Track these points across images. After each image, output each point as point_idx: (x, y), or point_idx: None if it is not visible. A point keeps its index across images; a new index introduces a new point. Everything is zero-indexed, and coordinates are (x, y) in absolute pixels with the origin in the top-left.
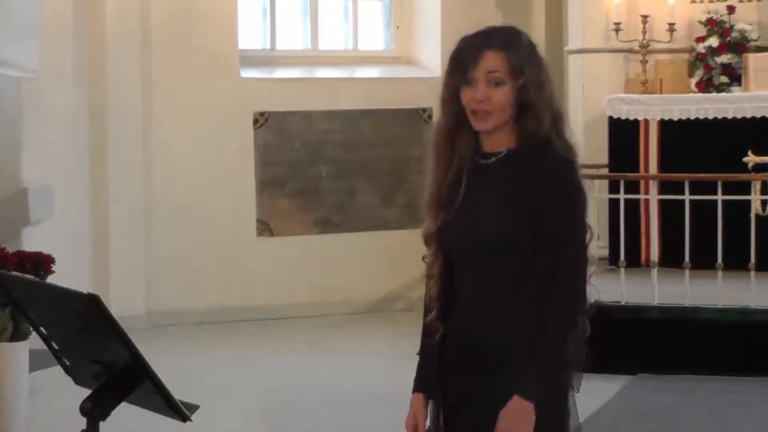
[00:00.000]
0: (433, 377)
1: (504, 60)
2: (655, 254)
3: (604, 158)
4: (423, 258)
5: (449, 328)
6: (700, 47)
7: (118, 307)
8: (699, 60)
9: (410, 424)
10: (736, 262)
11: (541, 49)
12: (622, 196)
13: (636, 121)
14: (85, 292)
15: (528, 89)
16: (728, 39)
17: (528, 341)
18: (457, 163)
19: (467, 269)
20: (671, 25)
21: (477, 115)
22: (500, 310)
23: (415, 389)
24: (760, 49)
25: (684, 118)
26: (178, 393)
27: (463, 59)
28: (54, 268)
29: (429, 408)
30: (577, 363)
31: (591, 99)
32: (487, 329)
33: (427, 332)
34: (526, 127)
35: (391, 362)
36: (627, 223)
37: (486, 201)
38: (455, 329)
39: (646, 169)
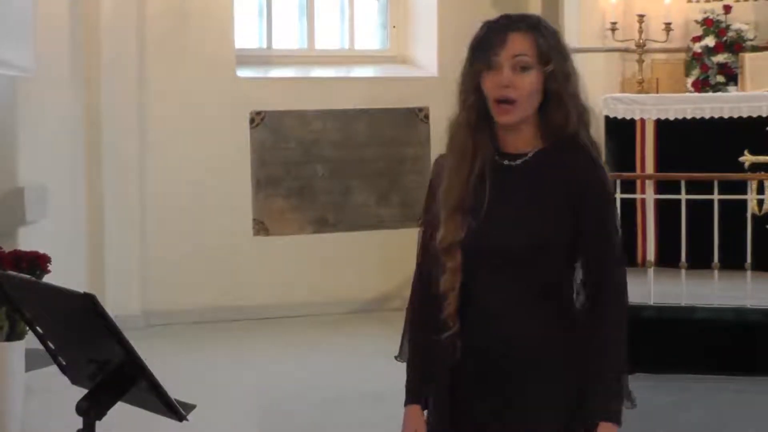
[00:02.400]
0: (429, 388)
1: (532, 43)
2: (651, 254)
3: (600, 158)
4: (432, 268)
5: (468, 341)
6: (697, 47)
7: (113, 306)
8: (695, 59)
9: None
10: (732, 262)
11: None
12: (618, 195)
13: (632, 121)
14: (81, 291)
15: (556, 77)
16: (724, 39)
17: (560, 348)
18: (480, 164)
19: (493, 281)
20: (667, 24)
21: (501, 106)
22: (527, 317)
23: (410, 401)
24: (756, 49)
25: (680, 117)
26: (174, 392)
27: (486, 43)
28: (50, 267)
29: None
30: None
31: (587, 98)
32: (517, 341)
33: (432, 346)
34: (552, 119)
35: (387, 361)
36: (623, 222)
37: (520, 206)
38: (478, 343)
39: (643, 169)
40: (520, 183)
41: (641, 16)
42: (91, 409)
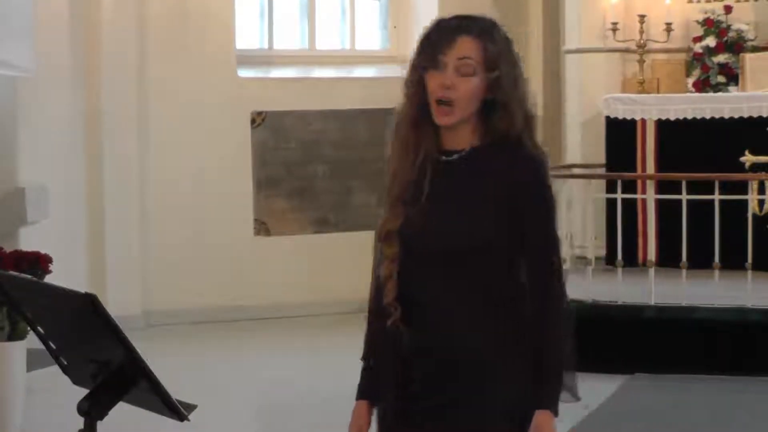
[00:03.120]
0: (380, 384)
1: (480, 48)
2: (652, 254)
3: (601, 158)
4: (377, 256)
5: (412, 340)
6: (697, 47)
7: (114, 306)
8: (696, 60)
9: (359, 428)
10: (732, 262)
11: (539, 46)
12: (619, 195)
13: (633, 121)
14: (81, 291)
15: (501, 85)
16: (725, 39)
17: (504, 348)
18: (422, 158)
19: (431, 273)
20: (668, 24)
21: (440, 107)
22: (471, 317)
23: (361, 395)
24: (756, 49)
25: (681, 117)
26: (176, 392)
27: (435, 41)
28: (51, 267)
29: (375, 415)
30: (572, 367)
31: (588, 99)
32: (460, 340)
33: (382, 338)
34: (496, 125)
35: None
36: (624, 222)
37: (454, 201)
38: (421, 341)
39: (643, 169)
40: (455, 180)
41: (642, 17)
42: (93, 409)
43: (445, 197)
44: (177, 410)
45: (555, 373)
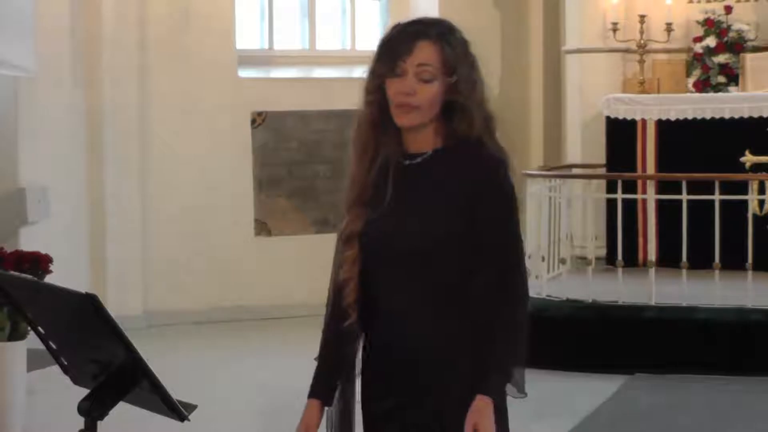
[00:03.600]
0: (333, 384)
1: (438, 53)
2: (652, 254)
3: (601, 158)
4: (336, 260)
5: (373, 341)
6: (698, 47)
7: (115, 306)
8: (696, 60)
9: (306, 426)
10: (733, 262)
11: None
12: (619, 195)
13: (633, 121)
14: (82, 291)
15: (459, 89)
16: (725, 39)
17: (463, 348)
18: (381, 161)
19: (393, 277)
20: (668, 25)
21: (401, 110)
22: (429, 317)
23: (312, 395)
24: (757, 49)
25: (681, 117)
26: (176, 392)
27: (394, 47)
28: (51, 267)
29: (325, 416)
30: (522, 364)
31: (588, 99)
32: (421, 341)
33: (339, 340)
34: (455, 127)
35: None
36: (624, 222)
37: (416, 203)
38: (382, 343)
39: (644, 169)
40: (418, 182)
41: (642, 17)
42: (93, 410)
43: (407, 199)
44: (177, 410)
45: (504, 363)
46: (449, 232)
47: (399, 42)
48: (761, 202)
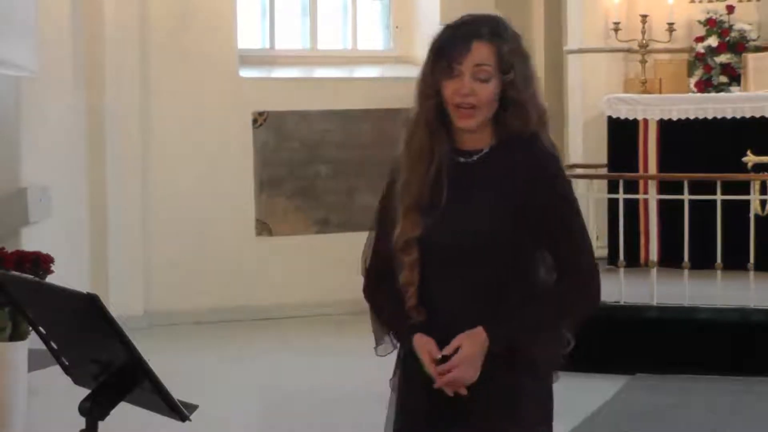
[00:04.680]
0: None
1: (493, 52)
2: (654, 254)
3: (603, 158)
4: (385, 267)
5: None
6: (700, 47)
7: (116, 306)
8: (698, 60)
9: (429, 353)
10: (734, 262)
11: (541, 46)
12: (621, 195)
13: (635, 121)
14: (83, 291)
15: (516, 85)
16: (727, 39)
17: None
18: (437, 162)
19: (449, 274)
20: (670, 24)
21: (461, 111)
22: (489, 316)
23: (412, 330)
24: (759, 49)
25: (683, 117)
26: (177, 393)
27: (448, 49)
28: (53, 268)
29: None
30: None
31: (590, 99)
32: None
33: (396, 298)
34: (511, 123)
35: (390, 362)
36: (626, 223)
37: (475, 202)
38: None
39: (645, 169)
40: (476, 180)
41: (644, 17)
42: (94, 410)
43: (465, 198)
44: (178, 410)
45: (528, 324)
46: (507, 229)
47: (453, 44)
48: (763, 202)
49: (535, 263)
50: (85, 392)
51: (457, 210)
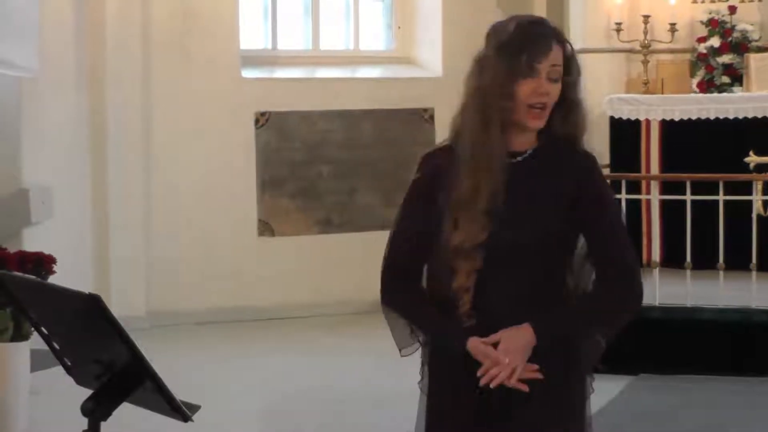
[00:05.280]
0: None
1: (562, 54)
2: (656, 254)
3: (605, 158)
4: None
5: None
6: (702, 47)
7: (118, 307)
8: (700, 60)
9: (493, 354)
10: (737, 263)
11: None
12: (623, 196)
13: (637, 122)
14: (85, 292)
15: (575, 87)
16: (730, 39)
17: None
18: (496, 164)
19: (497, 275)
20: (672, 25)
21: (534, 111)
22: (533, 317)
23: (463, 335)
24: (761, 50)
25: (685, 118)
26: (179, 393)
27: (528, 48)
28: (55, 268)
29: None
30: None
31: (592, 99)
32: None
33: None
34: (566, 123)
35: (393, 362)
36: (628, 223)
37: (526, 200)
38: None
39: (648, 170)
40: (521, 180)
41: (646, 17)
42: (96, 410)
43: (517, 198)
44: (181, 411)
45: (571, 323)
46: (554, 230)
47: (533, 43)
48: (765, 203)
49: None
50: (87, 392)
51: (515, 212)
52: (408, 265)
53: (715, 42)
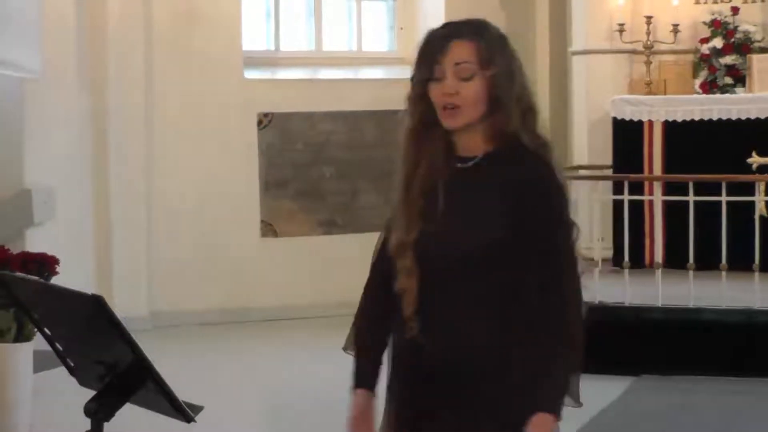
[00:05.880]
0: (377, 372)
1: (473, 49)
2: (659, 255)
3: (608, 159)
4: (386, 268)
5: (413, 345)
6: (704, 48)
7: (121, 308)
8: (703, 61)
9: (360, 420)
10: (739, 264)
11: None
12: (626, 197)
13: (640, 122)
14: (88, 293)
15: (497, 81)
16: (732, 40)
17: (509, 354)
18: (429, 168)
19: (442, 283)
20: (675, 26)
21: (446, 111)
22: (488, 326)
23: (360, 385)
24: (764, 50)
25: (688, 119)
26: (182, 394)
27: (430, 51)
28: (57, 269)
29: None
30: (577, 372)
31: (595, 100)
32: (475, 347)
33: (377, 331)
34: (494, 121)
35: None
36: (631, 224)
37: (470, 208)
38: (433, 350)
39: (650, 171)
40: (470, 186)
41: (649, 18)
42: (99, 411)
43: (460, 204)
44: (184, 411)
45: (561, 378)
46: (498, 237)
47: (433, 45)
48: None
49: (529, 268)
50: (90, 393)
51: (453, 217)
52: (382, 266)
53: (718, 43)
